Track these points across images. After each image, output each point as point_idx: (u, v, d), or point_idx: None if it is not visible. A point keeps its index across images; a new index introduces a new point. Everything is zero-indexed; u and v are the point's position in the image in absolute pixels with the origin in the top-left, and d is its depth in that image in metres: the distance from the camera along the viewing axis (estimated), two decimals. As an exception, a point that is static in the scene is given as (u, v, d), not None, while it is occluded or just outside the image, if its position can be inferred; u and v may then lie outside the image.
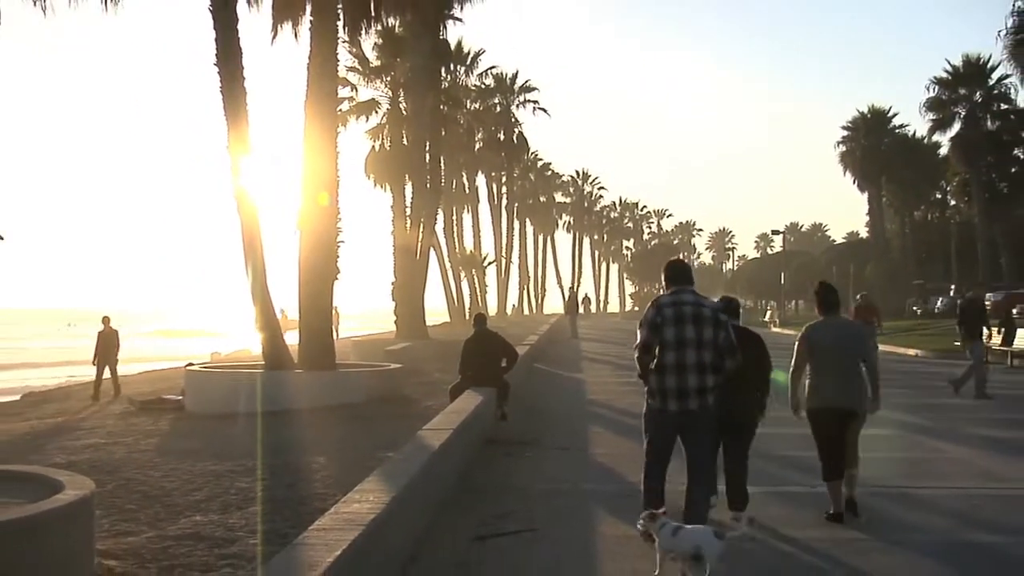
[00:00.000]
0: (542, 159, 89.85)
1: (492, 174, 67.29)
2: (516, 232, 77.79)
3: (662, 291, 7.00)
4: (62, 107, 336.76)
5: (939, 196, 69.11)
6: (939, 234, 64.88)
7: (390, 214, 34.84)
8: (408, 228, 33.66)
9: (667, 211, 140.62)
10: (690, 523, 6.24)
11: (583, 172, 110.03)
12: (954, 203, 67.36)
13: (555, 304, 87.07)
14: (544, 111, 60.97)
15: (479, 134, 56.20)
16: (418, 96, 33.81)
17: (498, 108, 58.92)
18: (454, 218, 57.68)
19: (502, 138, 59.34)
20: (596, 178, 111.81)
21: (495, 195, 69.96)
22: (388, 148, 36.70)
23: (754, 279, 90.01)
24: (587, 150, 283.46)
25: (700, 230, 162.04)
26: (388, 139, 37.04)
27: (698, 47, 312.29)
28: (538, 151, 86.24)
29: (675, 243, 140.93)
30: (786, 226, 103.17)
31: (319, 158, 18.56)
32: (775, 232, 76.88)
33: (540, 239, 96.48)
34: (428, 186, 34.31)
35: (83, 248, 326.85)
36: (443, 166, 40.00)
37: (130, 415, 16.42)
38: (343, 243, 19.15)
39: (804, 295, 69.30)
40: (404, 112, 35.88)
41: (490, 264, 64.27)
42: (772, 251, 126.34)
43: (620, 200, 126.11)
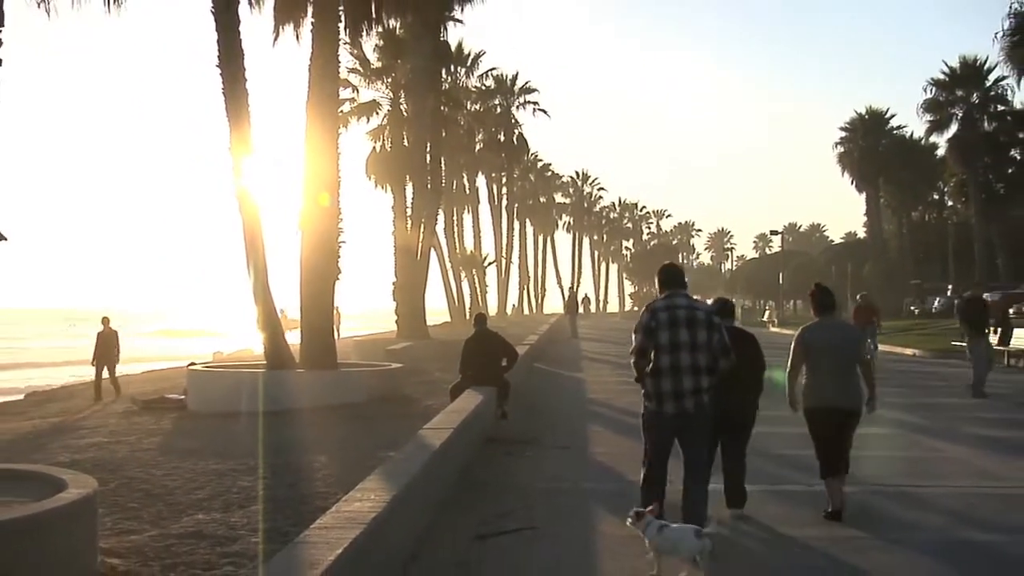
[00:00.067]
0: (542, 160, 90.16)
1: (492, 175, 67.35)
2: (516, 232, 77.93)
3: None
4: (65, 108, 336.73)
5: (936, 197, 69.27)
6: (936, 234, 64.95)
7: (391, 214, 34.92)
8: (409, 228, 33.73)
9: (666, 211, 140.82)
10: (689, 523, 6.30)
11: (583, 173, 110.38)
12: (951, 204, 67.52)
13: (555, 304, 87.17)
14: (544, 112, 61.17)
15: (479, 135, 56.27)
16: (419, 97, 33.88)
17: (498, 109, 58.98)
18: (454, 218, 57.73)
19: (502, 139, 59.42)
20: (596, 179, 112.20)
21: (495, 196, 70.03)
22: (389, 149, 36.76)
23: (753, 279, 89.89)
24: (587, 150, 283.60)
25: (699, 230, 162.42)
26: (389, 140, 37.12)
27: (698, 47, 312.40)
28: (538, 152, 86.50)
29: (674, 243, 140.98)
30: (784, 226, 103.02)
31: (320, 159, 18.62)
32: (773, 232, 76.99)
33: (540, 239, 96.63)
34: (429, 187, 34.38)
35: (85, 248, 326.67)
36: (443, 167, 40.08)
37: (133, 414, 16.44)
38: (344, 243, 19.26)
39: (802, 295, 68.91)
40: (405, 113, 35.94)
41: (490, 264, 64.35)
42: (770, 251, 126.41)
43: (619, 200, 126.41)
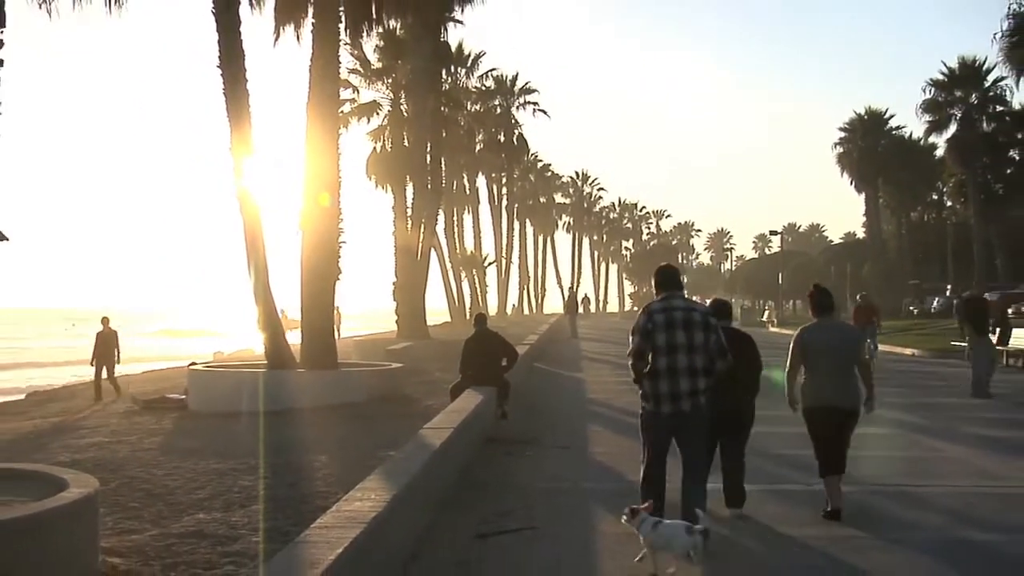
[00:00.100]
0: (542, 160, 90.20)
1: (492, 175, 67.38)
2: (516, 232, 77.94)
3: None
4: (66, 109, 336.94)
5: (935, 197, 69.32)
6: (935, 235, 65.02)
7: (391, 215, 34.96)
8: (409, 229, 33.76)
9: (666, 211, 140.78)
10: (686, 520, 6.36)
11: (583, 173, 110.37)
12: (950, 204, 67.57)
13: (555, 304, 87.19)
14: (544, 112, 61.21)
15: (479, 135, 56.31)
16: (419, 98, 33.90)
17: (498, 110, 59.01)
18: (455, 219, 57.76)
19: (502, 139, 59.46)
20: (595, 179, 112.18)
21: (495, 196, 70.06)
22: (389, 149, 36.80)
23: (752, 279, 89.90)
24: (587, 150, 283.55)
25: (699, 230, 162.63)
26: (389, 140, 37.14)
27: (698, 48, 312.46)
28: (538, 152, 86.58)
29: (674, 243, 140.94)
30: (784, 227, 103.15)
31: (321, 159, 18.64)
32: (773, 232, 77.01)
33: (540, 239, 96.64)
34: (429, 187, 34.41)
35: (87, 248, 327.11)
36: (444, 167, 40.11)
37: (133, 414, 16.46)
38: (345, 243, 19.30)
39: (802, 295, 69.12)
40: (405, 114, 35.96)
41: (490, 264, 64.38)
42: (770, 251, 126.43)
43: (619, 201, 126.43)
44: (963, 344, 23.94)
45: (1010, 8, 43.66)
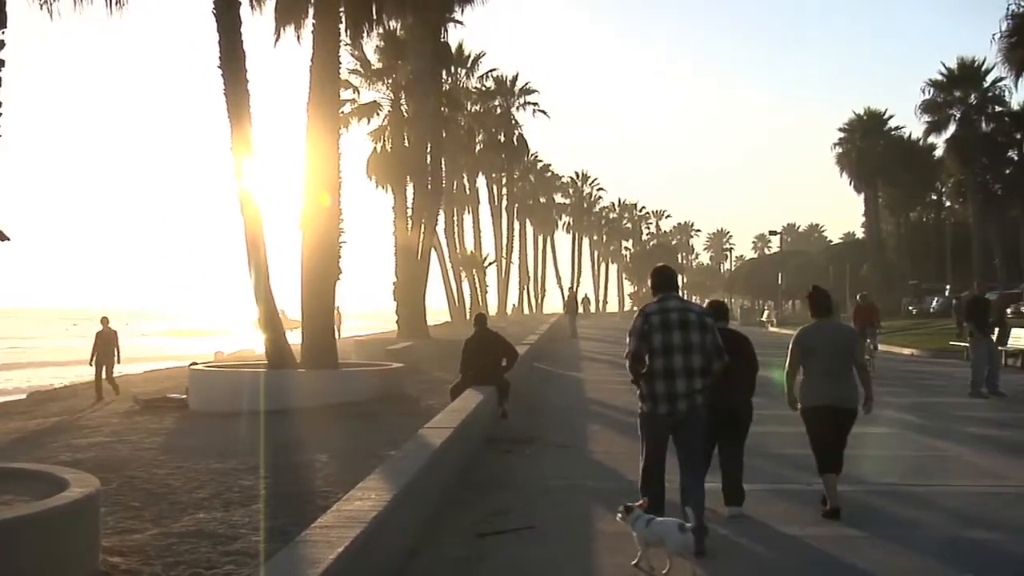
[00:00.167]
0: (542, 160, 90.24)
1: (492, 175, 67.42)
2: (516, 233, 77.90)
3: None
4: (68, 109, 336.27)
5: (934, 197, 69.44)
6: (934, 235, 65.10)
7: (392, 215, 34.95)
8: (409, 229, 33.76)
9: (665, 212, 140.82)
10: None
11: (582, 173, 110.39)
12: (949, 204, 67.75)
13: (555, 304, 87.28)
14: (544, 113, 61.09)
15: (480, 136, 56.31)
16: (419, 98, 33.89)
17: (498, 110, 58.98)
18: (455, 219, 57.79)
19: (502, 140, 59.44)
20: (595, 179, 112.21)
21: (495, 196, 70.09)
22: (390, 150, 36.77)
23: (752, 279, 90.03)
24: (586, 151, 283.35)
25: (698, 231, 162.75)
26: (390, 141, 37.12)
27: (697, 48, 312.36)
28: (538, 152, 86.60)
29: (673, 244, 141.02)
30: (783, 227, 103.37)
31: (321, 159, 18.67)
32: (772, 233, 77.19)
33: (540, 240, 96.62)
34: (429, 187, 34.40)
35: (88, 248, 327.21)
36: (444, 167, 40.08)
37: (134, 414, 16.48)
38: (345, 243, 19.35)
39: (801, 295, 69.31)
40: (405, 114, 35.95)
41: (490, 264, 64.37)
42: (769, 251, 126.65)
43: (619, 201, 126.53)
44: (962, 344, 23.96)
45: (1009, 9, 43.78)
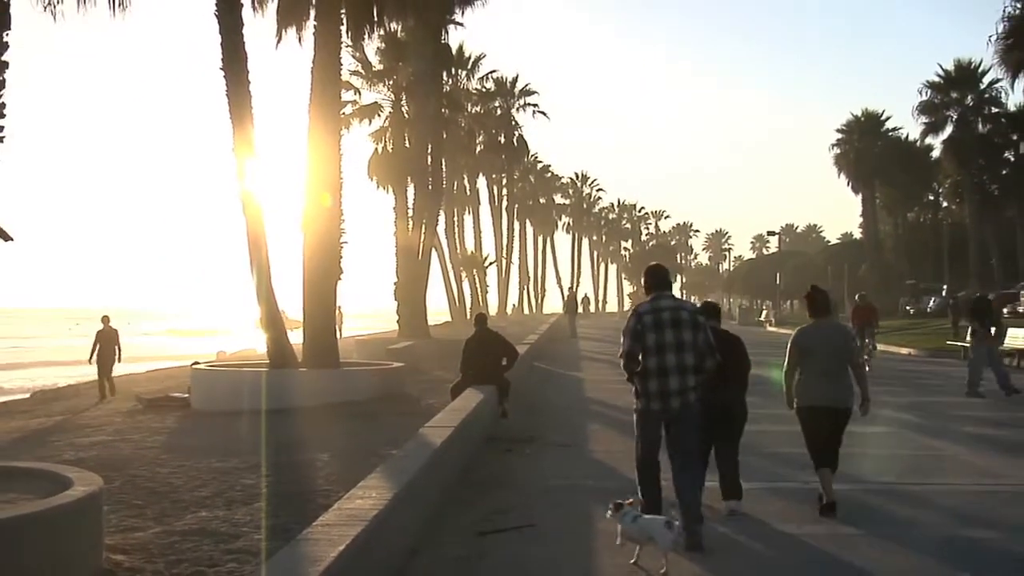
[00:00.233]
0: (542, 161, 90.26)
1: (493, 176, 67.42)
2: (516, 233, 77.88)
3: None
4: (70, 109, 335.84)
5: (932, 198, 69.54)
6: (932, 235, 65.05)
7: (392, 215, 35.00)
8: (410, 229, 33.81)
9: (665, 212, 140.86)
10: (684, 516, 6.47)
11: (582, 174, 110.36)
12: (946, 205, 67.81)
13: (555, 304, 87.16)
14: (544, 114, 61.07)
15: (480, 137, 56.36)
16: (420, 99, 33.93)
17: (498, 111, 58.99)
18: (455, 219, 57.78)
19: (502, 141, 59.48)
20: (595, 180, 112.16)
21: (495, 196, 70.07)
22: (391, 151, 36.81)
23: (750, 279, 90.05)
24: (586, 151, 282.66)
25: (697, 231, 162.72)
26: (391, 142, 37.16)
27: (697, 49, 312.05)
28: (538, 153, 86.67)
29: (672, 244, 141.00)
30: (782, 227, 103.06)
31: (323, 160, 18.72)
32: (771, 233, 77.35)
33: (540, 240, 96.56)
34: (430, 188, 34.43)
35: (90, 248, 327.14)
36: (444, 168, 40.11)
37: (137, 413, 16.51)
38: (346, 244, 19.41)
39: (799, 295, 69.48)
40: (406, 115, 36.01)
41: (491, 264, 64.36)
42: (768, 252, 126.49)
43: (618, 201, 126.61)
44: (959, 344, 24.03)
45: (1005, 11, 43.90)
